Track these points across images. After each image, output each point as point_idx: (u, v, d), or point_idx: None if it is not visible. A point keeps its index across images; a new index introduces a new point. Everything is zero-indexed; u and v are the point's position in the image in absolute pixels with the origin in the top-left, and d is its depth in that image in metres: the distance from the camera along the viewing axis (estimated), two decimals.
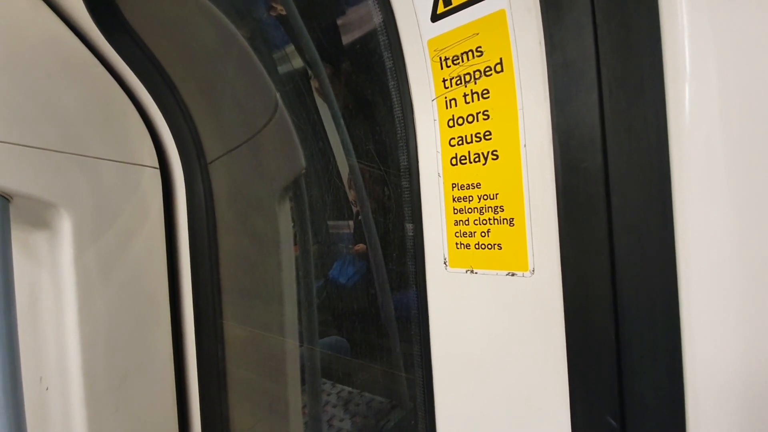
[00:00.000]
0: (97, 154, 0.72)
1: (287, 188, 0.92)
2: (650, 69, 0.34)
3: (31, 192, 0.63)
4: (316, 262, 1.01)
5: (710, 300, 0.32)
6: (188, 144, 0.84)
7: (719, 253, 0.31)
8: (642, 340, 0.36)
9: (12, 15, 0.64)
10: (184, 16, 0.80)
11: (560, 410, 0.40)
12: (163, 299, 0.84)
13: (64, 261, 0.69)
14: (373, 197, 0.81)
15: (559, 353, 0.40)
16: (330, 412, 1.10)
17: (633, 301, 0.36)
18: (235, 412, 0.89)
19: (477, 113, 0.45)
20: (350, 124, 0.80)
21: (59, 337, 0.71)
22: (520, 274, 0.43)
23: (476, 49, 0.43)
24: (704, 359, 0.32)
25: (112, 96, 0.78)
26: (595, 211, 0.37)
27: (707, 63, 0.31)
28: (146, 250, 0.80)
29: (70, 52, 0.72)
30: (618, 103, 0.36)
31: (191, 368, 0.86)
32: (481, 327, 0.46)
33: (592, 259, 0.37)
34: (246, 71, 0.83)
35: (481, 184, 0.46)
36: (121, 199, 0.76)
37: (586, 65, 0.37)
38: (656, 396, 0.35)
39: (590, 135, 0.37)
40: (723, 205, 0.31)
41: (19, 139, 0.62)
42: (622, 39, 0.35)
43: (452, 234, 0.48)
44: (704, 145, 0.32)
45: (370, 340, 0.93)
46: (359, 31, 0.70)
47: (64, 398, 0.71)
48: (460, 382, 0.49)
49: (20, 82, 0.63)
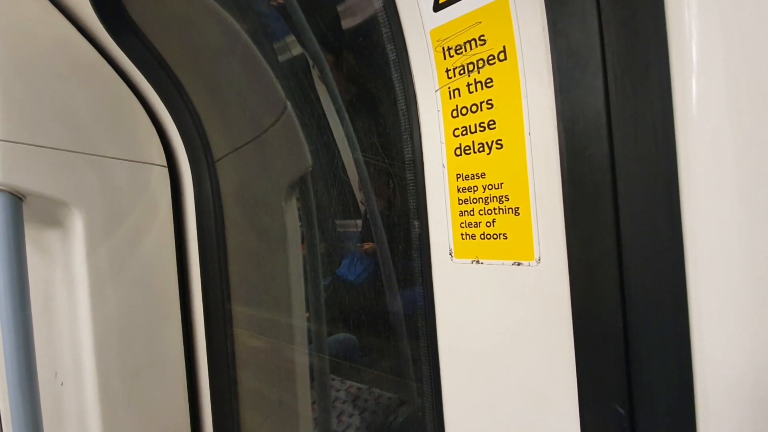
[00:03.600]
0: (107, 153, 0.74)
1: (294, 185, 0.92)
2: (656, 53, 0.33)
3: (43, 191, 0.64)
4: (323, 258, 1.01)
5: (718, 287, 0.31)
6: (196, 142, 0.85)
7: (727, 240, 0.31)
8: (649, 327, 0.35)
9: (23, 19, 0.65)
10: (189, 16, 0.81)
11: (568, 398, 0.40)
12: (173, 295, 0.85)
13: (77, 258, 0.70)
14: (378, 190, 0.81)
15: (566, 341, 0.40)
16: (339, 408, 1.11)
17: (640, 288, 0.35)
18: (245, 407, 0.90)
19: (481, 103, 0.45)
20: (354, 118, 0.80)
21: (73, 334, 0.72)
22: (526, 264, 0.43)
23: (479, 38, 0.43)
24: (712, 347, 0.32)
25: (120, 96, 0.79)
26: (601, 199, 0.37)
27: (714, 47, 0.31)
28: (156, 247, 0.82)
29: (79, 53, 0.73)
30: (623, 89, 0.35)
31: (202, 363, 0.88)
32: (487, 317, 0.46)
33: (599, 247, 0.37)
34: (251, 69, 0.84)
35: (485, 174, 0.45)
36: (131, 197, 0.77)
37: (591, 51, 0.36)
38: (664, 383, 0.35)
39: (595, 122, 0.37)
40: (731, 192, 0.31)
41: (31, 140, 0.63)
42: (627, 23, 0.34)
43: (457, 225, 0.48)
44: (712, 131, 0.31)
45: (379, 336, 0.93)
46: (362, 23, 0.70)
47: (78, 393, 0.72)
48: (467, 373, 0.49)
49: (32, 84, 0.64)
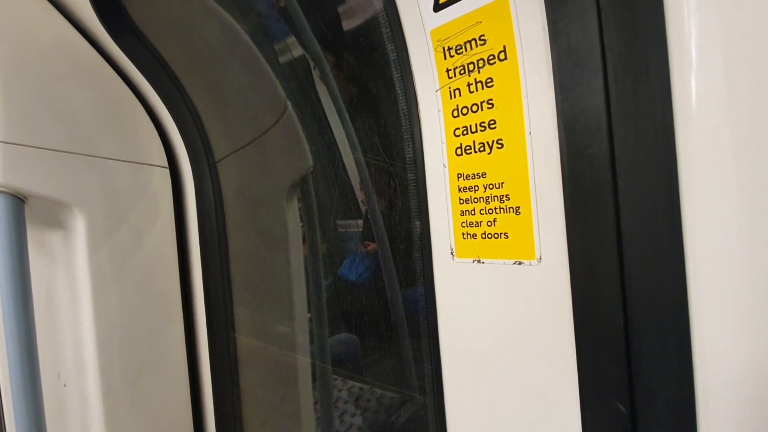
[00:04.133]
0: (108, 155, 0.74)
1: (295, 185, 0.92)
2: (656, 52, 0.33)
3: (45, 193, 0.65)
4: (325, 258, 1.01)
5: (719, 285, 0.31)
6: (196, 143, 0.85)
7: (727, 237, 0.31)
8: (650, 325, 0.35)
9: (24, 20, 0.65)
10: (190, 16, 0.81)
11: (569, 397, 0.40)
12: (175, 296, 0.85)
13: (79, 259, 0.71)
14: (379, 190, 0.81)
15: (567, 340, 0.40)
16: (341, 407, 1.11)
17: (641, 286, 0.35)
18: (247, 407, 0.90)
19: (481, 102, 0.45)
20: (355, 119, 0.80)
21: (76, 334, 0.72)
22: (527, 263, 0.43)
23: (479, 38, 0.43)
24: (713, 344, 0.32)
25: (121, 97, 0.79)
26: (602, 198, 0.37)
27: (713, 45, 0.31)
28: (158, 248, 0.82)
29: (79, 55, 0.73)
30: (624, 87, 0.35)
31: (204, 363, 0.88)
32: (489, 316, 0.46)
33: (600, 246, 0.37)
34: (252, 69, 0.84)
35: (486, 174, 0.45)
36: (133, 199, 0.77)
37: (591, 50, 0.36)
38: (665, 381, 0.35)
39: (596, 120, 0.37)
40: (730, 189, 0.31)
41: (32, 141, 0.63)
42: (627, 21, 0.34)
43: (458, 224, 0.48)
44: (711, 128, 0.31)
45: (381, 336, 0.93)
46: (362, 24, 0.70)
47: (81, 394, 0.73)
48: (468, 372, 0.49)
49: (33, 85, 0.64)
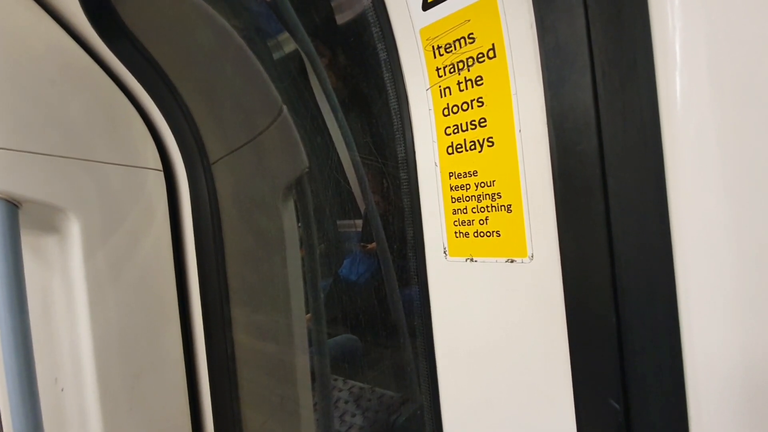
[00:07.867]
0: (102, 158, 0.74)
1: (291, 186, 0.92)
2: (642, 48, 0.33)
3: (39, 197, 0.64)
4: (322, 259, 1.01)
5: (708, 280, 0.32)
6: (191, 145, 0.85)
7: (714, 231, 0.31)
8: (642, 322, 0.35)
9: (14, 25, 0.65)
10: (182, 19, 0.81)
11: (563, 395, 0.40)
12: (172, 299, 0.85)
13: (75, 264, 0.70)
14: (373, 190, 0.81)
15: (560, 338, 0.40)
16: (341, 408, 1.11)
17: (632, 282, 0.35)
18: (246, 409, 0.90)
19: (471, 101, 0.45)
20: (348, 119, 0.80)
21: (72, 339, 0.72)
22: (519, 261, 0.43)
23: (468, 36, 0.43)
24: (702, 339, 0.32)
25: (114, 100, 0.79)
26: (592, 194, 0.37)
27: (696, 42, 0.31)
28: (154, 251, 0.82)
29: (72, 59, 0.73)
30: (611, 84, 0.35)
31: (202, 366, 0.88)
32: (482, 314, 0.46)
33: (590, 242, 0.37)
34: (245, 70, 0.84)
35: (477, 172, 0.45)
36: (127, 202, 0.77)
37: (579, 47, 0.36)
38: (657, 377, 0.35)
39: (585, 117, 0.37)
40: (716, 184, 0.31)
41: (26, 146, 0.63)
42: (613, 18, 0.34)
43: (451, 223, 0.48)
44: (696, 124, 0.31)
45: (380, 335, 0.93)
46: (351, 23, 0.70)
47: (79, 398, 0.73)
48: (463, 370, 0.49)
49: (25, 90, 0.64)
